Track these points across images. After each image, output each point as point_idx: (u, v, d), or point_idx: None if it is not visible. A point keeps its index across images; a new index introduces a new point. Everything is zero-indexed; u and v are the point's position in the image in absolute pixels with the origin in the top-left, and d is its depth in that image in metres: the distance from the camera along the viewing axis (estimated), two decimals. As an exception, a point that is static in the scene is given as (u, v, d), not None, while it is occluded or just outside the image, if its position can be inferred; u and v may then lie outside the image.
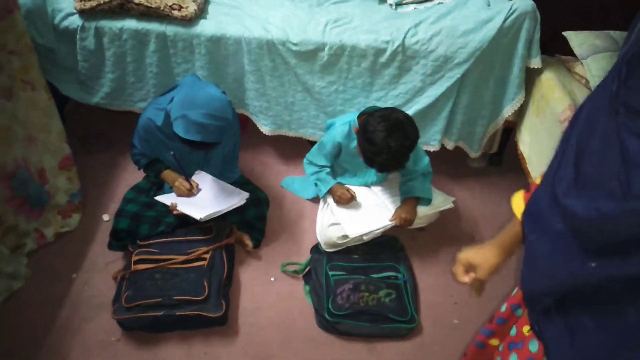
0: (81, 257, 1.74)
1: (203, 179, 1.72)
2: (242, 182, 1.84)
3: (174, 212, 1.63)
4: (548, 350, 0.74)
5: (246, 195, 1.70)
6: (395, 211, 1.73)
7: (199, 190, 1.70)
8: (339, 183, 1.81)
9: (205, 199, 1.68)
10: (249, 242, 1.75)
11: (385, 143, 1.49)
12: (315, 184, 1.84)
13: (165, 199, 1.67)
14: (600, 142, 0.58)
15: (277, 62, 1.83)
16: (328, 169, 1.84)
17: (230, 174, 1.83)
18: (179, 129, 1.44)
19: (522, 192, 0.88)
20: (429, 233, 1.87)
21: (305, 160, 1.88)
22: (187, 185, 1.67)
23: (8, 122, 1.59)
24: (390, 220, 1.72)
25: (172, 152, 1.63)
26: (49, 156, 1.75)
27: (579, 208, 0.59)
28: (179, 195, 1.68)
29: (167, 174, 1.71)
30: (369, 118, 1.56)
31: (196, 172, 1.73)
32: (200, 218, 1.59)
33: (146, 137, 1.65)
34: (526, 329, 0.93)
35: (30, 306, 1.59)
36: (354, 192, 1.78)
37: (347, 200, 1.75)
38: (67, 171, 1.82)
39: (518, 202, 0.87)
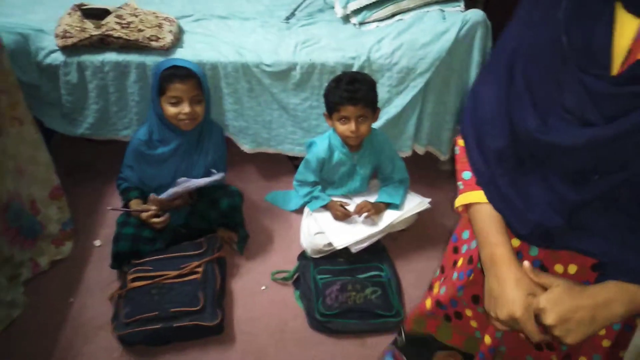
0: (77, 282, 1.80)
1: (185, 182, 1.79)
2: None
3: (154, 207, 1.73)
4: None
5: (222, 174, 1.80)
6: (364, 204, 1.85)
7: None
8: (334, 200, 1.91)
9: (186, 185, 1.77)
10: (233, 236, 1.90)
11: (339, 77, 1.73)
12: (309, 201, 1.93)
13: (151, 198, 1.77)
14: (552, 77, 0.67)
15: (252, 83, 1.94)
16: (320, 187, 1.94)
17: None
18: (159, 69, 1.65)
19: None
20: (409, 232, 1.99)
21: (295, 183, 1.98)
22: (150, 209, 1.74)
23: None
24: (357, 214, 1.84)
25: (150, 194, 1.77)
26: (39, 187, 1.82)
27: (562, 139, 0.67)
28: (146, 219, 1.74)
29: (134, 204, 1.78)
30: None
31: (178, 179, 1.81)
32: (183, 188, 1.72)
33: (134, 158, 1.76)
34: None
35: (30, 333, 1.63)
36: (348, 208, 1.88)
37: (343, 215, 1.85)
38: (57, 201, 1.88)
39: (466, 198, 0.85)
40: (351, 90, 1.67)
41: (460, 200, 0.85)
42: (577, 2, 0.64)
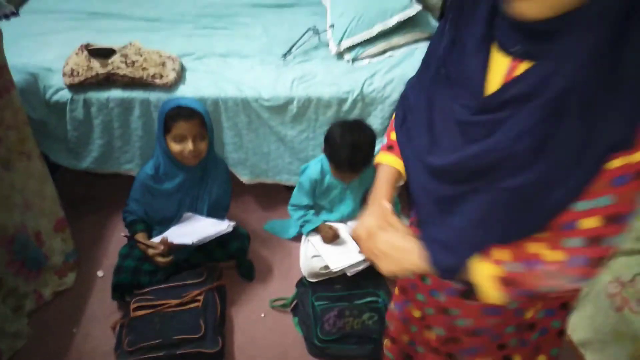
0: (80, 312, 1.83)
1: (191, 217, 1.87)
2: None
3: (163, 247, 1.75)
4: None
5: (232, 223, 1.85)
6: None
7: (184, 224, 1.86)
8: (324, 222, 1.97)
9: (195, 228, 1.82)
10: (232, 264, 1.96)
11: (344, 138, 1.75)
12: (302, 226, 2.00)
13: (157, 239, 1.80)
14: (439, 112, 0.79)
15: (251, 117, 2.03)
16: (313, 210, 2.01)
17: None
18: (164, 108, 1.73)
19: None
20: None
21: (289, 207, 2.05)
22: (158, 249, 1.77)
23: (8, 191, 1.72)
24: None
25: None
26: (44, 220, 1.87)
27: (437, 162, 0.79)
28: (152, 256, 1.78)
29: (140, 237, 1.82)
30: (329, 128, 1.82)
31: (185, 214, 1.87)
32: (193, 242, 1.74)
33: (141, 191, 1.83)
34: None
35: (34, 363, 1.66)
36: (337, 229, 1.94)
37: (332, 237, 1.91)
38: (61, 233, 1.93)
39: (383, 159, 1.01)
40: (352, 161, 1.78)
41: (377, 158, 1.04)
42: (457, 40, 0.74)
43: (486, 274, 0.75)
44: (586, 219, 0.66)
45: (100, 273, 1.99)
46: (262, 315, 1.85)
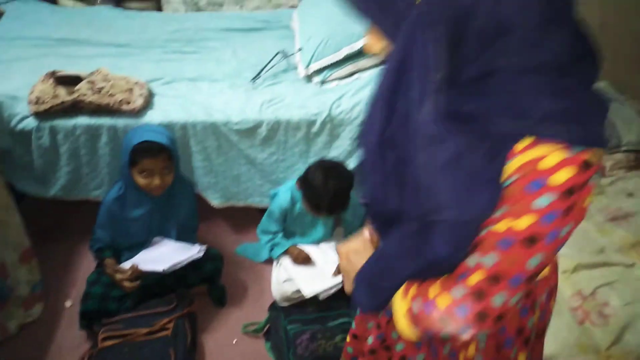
0: (47, 344, 1.79)
1: (160, 241, 1.86)
2: None
3: (131, 273, 1.72)
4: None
5: (203, 247, 1.84)
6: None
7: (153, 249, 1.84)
8: (293, 245, 1.98)
9: (165, 253, 1.81)
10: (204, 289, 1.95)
11: (324, 185, 1.74)
12: (272, 249, 1.99)
13: (127, 264, 1.78)
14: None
15: (221, 140, 2.04)
16: (281, 233, 2.01)
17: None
18: (130, 141, 1.70)
19: None
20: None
21: (258, 231, 2.05)
22: (126, 274, 1.74)
23: (-31, 222, 1.69)
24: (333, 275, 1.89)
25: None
26: (9, 250, 1.83)
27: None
28: (119, 281, 1.74)
29: (109, 263, 1.79)
30: (307, 169, 1.80)
31: (154, 239, 1.85)
32: (164, 270, 1.72)
33: (107, 218, 1.81)
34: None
35: (-3, 399, 1.61)
36: (308, 252, 1.94)
37: (302, 259, 1.92)
38: (27, 263, 1.89)
39: None
40: (332, 207, 1.80)
41: None
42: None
43: (401, 309, 0.74)
44: (473, 274, 0.66)
45: (68, 303, 1.95)
46: (234, 341, 1.83)
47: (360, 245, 0.93)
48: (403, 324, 0.74)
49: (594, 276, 1.55)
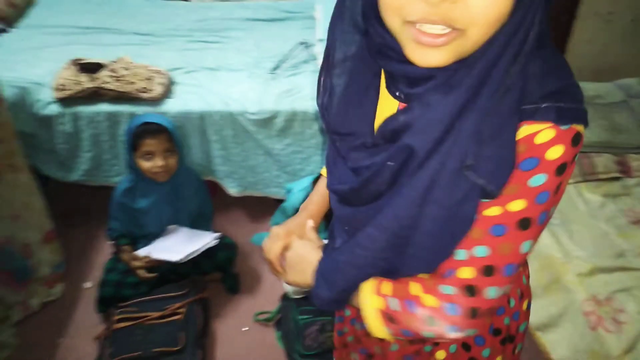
0: (66, 323, 1.86)
1: (175, 230, 1.89)
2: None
3: (146, 263, 1.78)
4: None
5: (218, 234, 1.87)
6: None
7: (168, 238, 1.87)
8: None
9: (179, 242, 1.84)
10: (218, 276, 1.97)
11: None
12: None
13: (142, 251, 1.83)
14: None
15: (238, 130, 2.05)
16: None
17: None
18: (131, 128, 1.74)
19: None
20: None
21: (271, 224, 2.07)
22: (142, 261, 1.80)
23: (-5, 203, 1.76)
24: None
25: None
26: (32, 232, 1.90)
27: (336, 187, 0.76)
28: (135, 268, 1.80)
29: (125, 249, 1.85)
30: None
31: (168, 227, 1.89)
32: (180, 259, 1.75)
33: (119, 210, 1.85)
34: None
35: (18, 373, 1.69)
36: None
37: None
38: (50, 244, 1.96)
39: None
40: None
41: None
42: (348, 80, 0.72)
43: (372, 306, 0.70)
44: (462, 268, 0.64)
45: (87, 284, 2.01)
46: (245, 329, 1.86)
47: (301, 231, 0.91)
48: (375, 321, 0.70)
49: (611, 281, 1.49)
